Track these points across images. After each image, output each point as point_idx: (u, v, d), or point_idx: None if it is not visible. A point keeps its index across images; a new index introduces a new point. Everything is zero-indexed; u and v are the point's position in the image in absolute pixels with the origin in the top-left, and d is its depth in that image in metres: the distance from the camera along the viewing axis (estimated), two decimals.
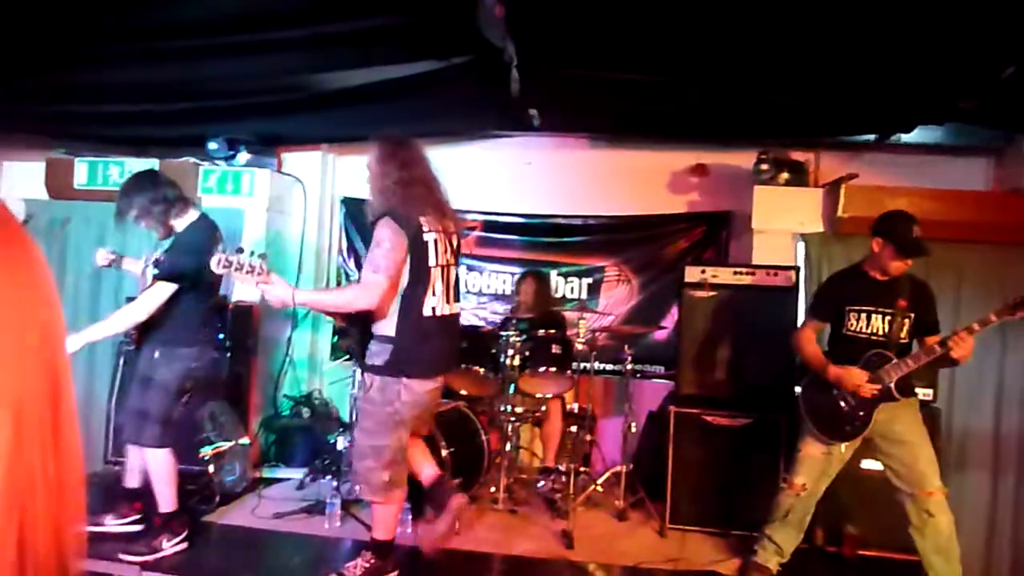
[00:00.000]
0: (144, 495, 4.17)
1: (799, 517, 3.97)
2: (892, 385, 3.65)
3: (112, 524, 4.13)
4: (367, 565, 3.73)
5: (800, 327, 4.11)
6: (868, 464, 4.23)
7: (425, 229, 3.55)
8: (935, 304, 3.82)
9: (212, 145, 5.80)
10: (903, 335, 3.74)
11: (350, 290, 3.55)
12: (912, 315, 3.73)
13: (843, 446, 3.83)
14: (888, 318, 3.74)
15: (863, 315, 3.80)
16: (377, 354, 3.52)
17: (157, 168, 5.68)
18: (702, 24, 3.66)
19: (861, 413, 3.73)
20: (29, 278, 0.57)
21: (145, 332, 4.00)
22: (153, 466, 3.98)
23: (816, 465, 3.89)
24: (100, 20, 3.81)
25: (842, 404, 3.78)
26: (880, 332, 3.75)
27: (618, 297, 6.26)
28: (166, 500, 3.99)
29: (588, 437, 5.28)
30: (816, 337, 4.03)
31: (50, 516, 0.55)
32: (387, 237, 3.41)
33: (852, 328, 3.82)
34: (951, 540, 3.67)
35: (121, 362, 5.32)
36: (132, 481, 4.24)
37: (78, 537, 0.59)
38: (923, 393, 4.51)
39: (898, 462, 3.75)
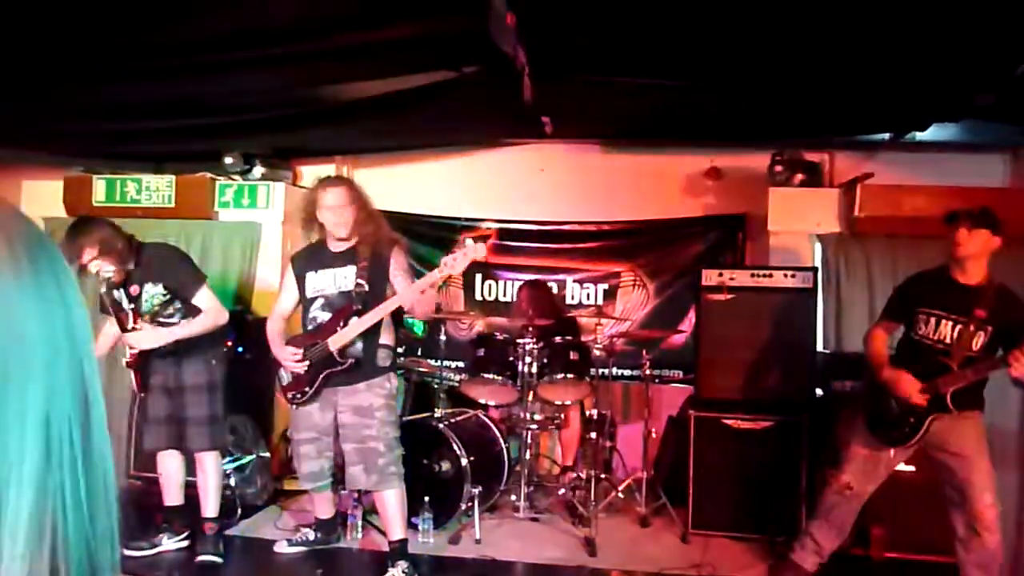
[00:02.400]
0: (187, 509, 4.28)
1: (842, 518, 3.87)
2: (947, 396, 3.45)
3: (170, 543, 4.21)
4: (406, 573, 3.88)
5: (874, 325, 3.95)
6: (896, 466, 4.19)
7: None
8: None
9: (228, 160, 5.84)
10: (975, 346, 3.49)
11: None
12: (991, 327, 3.48)
13: (892, 451, 3.70)
14: (959, 326, 3.52)
15: (932, 319, 3.60)
16: (387, 358, 4.02)
17: (174, 182, 5.76)
18: (713, 26, 3.65)
19: (911, 420, 3.56)
20: (58, 295, 0.57)
21: (190, 341, 4.02)
22: (215, 470, 4.19)
23: (862, 465, 3.77)
24: (114, 38, 3.84)
25: (894, 407, 3.62)
26: (947, 340, 3.54)
27: (634, 302, 6.24)
28: (217, 504, 4.20)
29: (608, 443, 5.26)
30: (889, 337, 3.88)
31: (82, 536, 0.55)
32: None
33: (920, 332, 3.64)
34: (995, 559, 3.53)
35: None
36: (176, 498, 4.28)
37: (112, 556, 0.59)
38: None
39: (950, 474, 3.59)
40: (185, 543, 4.24)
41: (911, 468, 3.99)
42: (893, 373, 3.59)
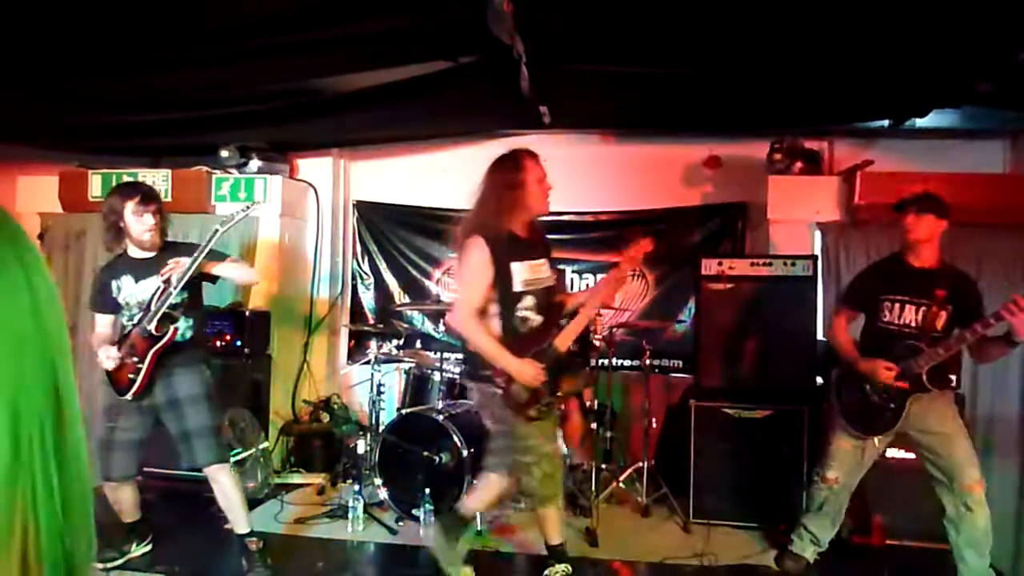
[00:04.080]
0: (147, 517, 4.15)
1: (834, 509, 3.97)
2: (923, 375, 3.56)
3: (138, 550, 4.10)
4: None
5: (833, 315, 4.05)
6: (894, 453, 4.20)
7: None
8: (978, 294, 3.68)
9: (224, 153, 5.82)
10: (939, 326, 3.63)
11: None
12: (950, 307, 3.62)
13: (876, 440, 3.78)
14: (923, 309, 3.65)
15: (896, 305, 3.73)
16: None
17: (170, 175, 5.73)
18: (710, 14, 3.63)
19: (892, 406, 3.66)
20: (25, 283, 0.54)
21: (185, 351, 3.82)
22: (232, 483, 3.89)
23: (848, 458, 3.85)
24: (108, 32, 3.82)
25: (873, 397, 3.72)
26: (913, 324, 3.67)
27: (634, 292, 6.22)
28: (247, 517, 3.95)
29: (609, 434, 5.25)
30: (849, 327, 3.99)
31: (56, 534, 0.53)
32: None
33: (885, 319, 3.76)
34: (986, 535, 3.61)
35: None
36: (134, 516, 4.06)
37: (86, 549, 0.57)
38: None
39: (934, 454, 3.67)
40: (150, 547, 4.12)
41: (912, 456, 4.00)
42: (869, 363, 3.69)
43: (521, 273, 3.48)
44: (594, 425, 5.16)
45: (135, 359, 3.72)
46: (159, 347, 3.71)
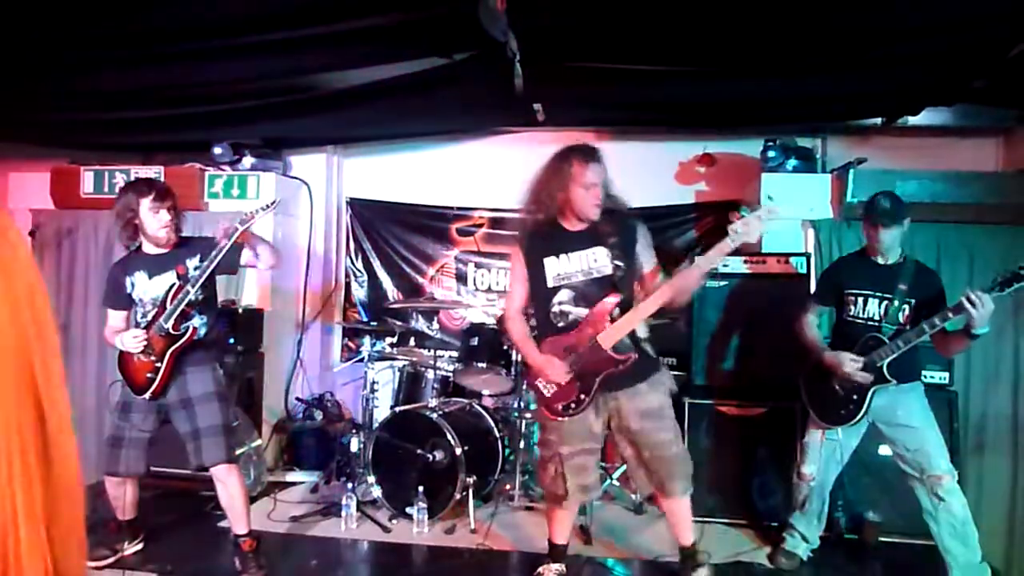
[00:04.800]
0: (140, 520, 4.13)
1: (816, 507, 4.01)
2: (883, 368, 3.63)
3: (130, 548, 4.06)
4: None
5: (803, 311, 4.09)
6: (886, 450, 4.20)
7: None
8: (942, 289, 3.75)
9: (217, 150, 5.79)
10: (902, 319, 3.71)
11: None
12: (913, 300, 3.70)
13: (839, 431, 3.84)
14: (885, 303, 3.73)
15: (860, 299, 3.82)
16: (651, 348, 3.74)
17: (162, 172, 5.70)
18: (704, 11, 3.63)
19: (855, 397, 3.74)
20: (3, 287, 0.50)
21: (198, 350, 3.79)
22: (238, 483, 3.83)
23: (818, 451, 3.92)
24: (101, 26, 3.79)
25: (837, 388, 3.80)
26: (876, 317, 3.76)
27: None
28: (248, 519, 3.89)
29: None
30: (819, 321, 4.08)
31: (38, 548, 0.51)
32: None
33: (851, 313, 3.85)
34: (967, 524, 3.65)
35: None
36: (132, 513, 4.05)
37: (77, 555, 0.55)
38: (938, 376, 4.49)
39: (903, 447, 3.74)
40: (142, 545, 4.10)
41: None
42: (833, 356, 3.77)
43: (555, 268, 3.49)
44: None
45: (153, 358, 3.71)
46: (178, 346, 3.70)
